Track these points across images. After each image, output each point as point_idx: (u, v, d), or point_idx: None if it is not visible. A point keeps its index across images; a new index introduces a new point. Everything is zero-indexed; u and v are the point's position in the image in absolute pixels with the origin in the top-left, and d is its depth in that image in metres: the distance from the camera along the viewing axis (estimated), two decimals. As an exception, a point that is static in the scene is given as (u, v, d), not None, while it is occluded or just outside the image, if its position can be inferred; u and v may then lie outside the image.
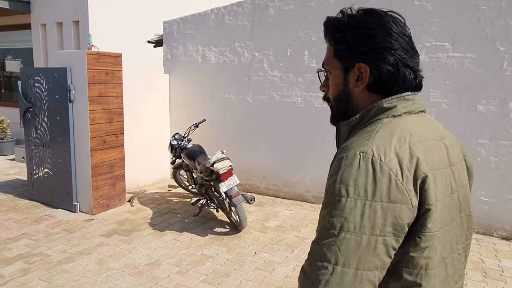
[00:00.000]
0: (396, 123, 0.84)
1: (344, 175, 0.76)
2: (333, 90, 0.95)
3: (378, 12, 0.90)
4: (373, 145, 0.78)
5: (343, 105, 0.94)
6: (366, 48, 0.86)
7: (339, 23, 0.91)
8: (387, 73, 0.86)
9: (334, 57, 0.93)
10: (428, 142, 0.84)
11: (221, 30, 5.31)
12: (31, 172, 4.71)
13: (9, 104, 7.91)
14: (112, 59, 4.37)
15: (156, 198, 5.00)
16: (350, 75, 0.90)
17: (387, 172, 0.74)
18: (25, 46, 7.59)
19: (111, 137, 4.44)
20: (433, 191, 0.78)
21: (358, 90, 0.90)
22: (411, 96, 0.89)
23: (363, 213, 0.72)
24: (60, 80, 4.21)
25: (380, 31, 0.86)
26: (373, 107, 0.88)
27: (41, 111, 4.45)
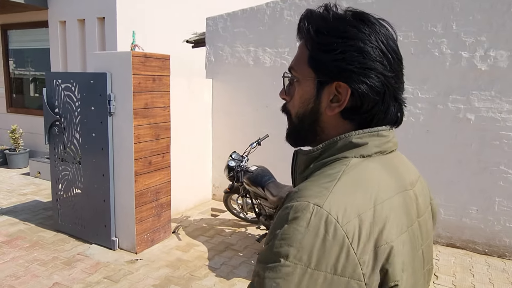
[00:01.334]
0: (364, 169, 0.67)
1: (289, 230, 0.59)
2: (298, 104, 0.75)
3: (371, 19, 0.70)
4: (331, 199, 0.60)
5: (307, 126, 0.75)
6: (353, 66, 0.67)
7: (323, 24, 0.70)
8: (371, 101, 0.68)
9: (308, 65, 0.72)
10: (398, 198, 0.68)
11: (279, 27, 4.51)
12: (57, 198, 3.90)
13: (21, 111, 7.11)
14: (160, 62, 3.57)
15: (204, 227, 4.19)
16: (324, 92, 0.71)
17: (341, 238, 0.57)
18: (40, 47, 6.79)
19: (157, 157, 3.64)
20: (400, 263, 0.62)
21: (331, 113, 0.71)
22: (386, 132, 0.72)
23: (300, 282, 0.57)
24: (97, 88, 3.41)
25: (374, 46, 0.67)
26: (339, 140, 0.70)
27: (71, 125, 3.65)
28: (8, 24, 6.94)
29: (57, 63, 6.23)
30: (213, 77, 5.00)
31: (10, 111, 7.22)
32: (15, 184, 5.64)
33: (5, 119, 7.34)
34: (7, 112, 7.27)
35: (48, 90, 3.76)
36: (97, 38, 5.74)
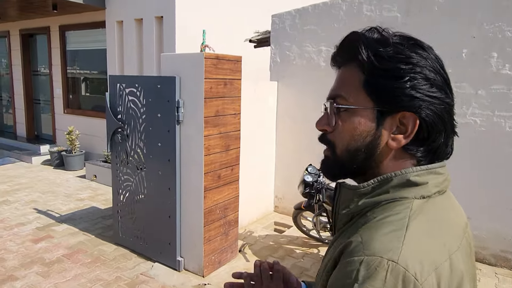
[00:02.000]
0: (429, 212, 0.61)
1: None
2: (351, 137, 0.65)
3: (425, 45, 0.66)
4: (406, 252, 0.53)
5: (360, 162, 0.66)
6: (421, 93, 0.61)
7: (383, 48, 0.63)
8: (437, 132, 0.63)
9: (364, 92, 0.64)
10: (465, 244, 0.63)
11: (357, 24, 3.98)
12: (118, 210, 3.66)
13: (77, 112, 7.10)
14: (232, 64, 3.20)
15: (271, 245, 3.80)
16: (386, 124, 0.64)
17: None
18: (96, 47, 6.72)
19: (226, 170, 3.28)
20: None
21: (397, 146, 0.63)
22: (443, 170, 0.65)
23: None
24: (164, 93, 3.11)
25: (437, 73, 0.63)
26: (395, 176, 0.62)
27: (135, 132, 3.38)
28: (66, 25, 6.94)
29: (114, 63, 6.10)
30: (278, 79, 4.59)
31: (66, 112, 7.23)
32: (72, 187, 5.56)
33: (62, 120, 7.38)
34: (63, 113, 7.30)
35: (111, 94, 3.52)
36: (155, 38, 5.52)
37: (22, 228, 4.04)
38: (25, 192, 5.29)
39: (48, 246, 3.63)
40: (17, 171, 6.45)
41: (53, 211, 4.57)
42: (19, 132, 8.37)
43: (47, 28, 7.24)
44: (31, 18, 7.30)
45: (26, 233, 3.90)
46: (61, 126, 7.39)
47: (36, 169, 6.59)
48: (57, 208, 4.68)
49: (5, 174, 6.18)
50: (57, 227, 4.09)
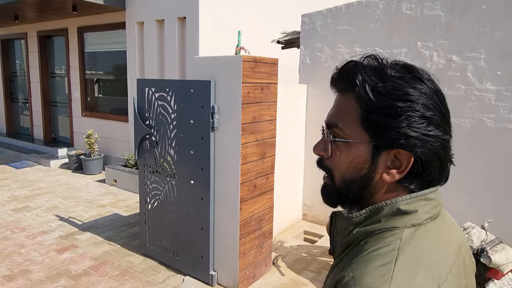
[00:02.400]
0: (419, 241, 0.61)
1: None
2: (347, 168, 0.67)
3: (425, 76, 0.65)
4: (394, 285, 0.54)
5: (355, 192, 0.68)
6: (417, 133, 0.61)
7: (381, 82, 0.62)
8: (433, 167, 0.64)
9: (361, 126, 0.64)
10: (455, 268, 0.63)
11: (395, 24, 3.79)
12: (145, 219, 3.50)
13: (96, 115, 6.98)
14: (269, 67, 3.02)
15: (304, 257, 3.61)
16: (381, 158, 0.64)
17: None
18: (115, 49, 6.59)
19: (261, 179, 3.10)
20: None
21: (390, 180, 0.65)
22: (434, 195, 0.66)
23: None
24: (198, 98, 2.93)
25: (433, 110, 0.63)
26: (385, 206, 0.64)
27: (165, 139, 3.22)
28: (84, 27, 6.83)
29: (134, 65, 5.97)
30: (308, 82, 4.40)
31: (84, 115, 7.13)
32: (93, 192, 5.43)
33: (80, 123, 7.28)
34: (81, 116, 7.19)
35: (139, 99, 3.36)
36: (177, 39, 5.36)
37: (45, 236, 3.91)
38: (45, 197, 5.18)
39: (73, 256, 3.49)
40: (35, 175, 6.35)
41: (76, 218, 4.44)
42: (36, 135, 8.30)
43: (65, 29, 7.14)
44: (49, 19, 7.22)
45: (49, 242, 3.76)
46: (78, 129, 7.29)
47: (55, 173, 6.49)
48: (79, 215, 4.55)
49: (24, 178, 6.09)
50: (81, 235, 3.95)
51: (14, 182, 5.85)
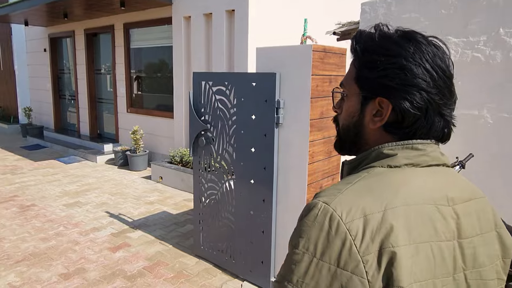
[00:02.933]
0: (385, 176, 0.69)
1: (301, 224, 0.66)
2: (345, 117, 0.80)
3: (418, 39, 0.72)
4: (340, 199, 0.65)
5: (351, 138, 0.79)
6: (394, 82, 0.70)
7: (370, 42, 0.73)
8: (412, 117, 0.71)
9: (355, 82, 0.76)
10: (420, 207, 0.66)
11: (471, 9, 3.40)
12: (200, 220, 3.35)
13: (141, 111, 6.98)
14: (337, 58, 2.76)
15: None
16: (368, 107, 0.74)
17: (343, 234, 0.62)
18: (161, 45, 6.55)
19: (327, 180, 2.85)
20: (406, 270, 0.61)
21: (374, 127, 0.74)
22: (422, 146, 0.72)
23: (308, 269, 0.63)
24: (261, 92, 2.73)
25: (416, 64, 0.70)
26: (373, 151, 0.74)
27: (223, 136, 3.04)
28: (130, 23, 6.84)
29: (180, 61, 5.87)
30: (368, 75, 4.09)
31: (130, 111, 7.15)
32: (140, 189, 5.40)
33: (125, 119, 7.32)
34: (126, 112, 7.23)
35: (195, 93, 3.21)
36: (225, 33, 5.20)
37: (97, 233, 3.86)
38: (94, 193, 5.19)
39: (127, 256, 3.40)
40: (83, 170, 6.43)
41: (125, 215, 4.38)
42: (83, 130, 8.47)
43: (111, 26, 7.19)
44: (97, 16, 7.29)
45: (102, 240, 3.71)
46: (124, 125, 7.34)
47: (101, 169, 6.54)
48: (129, 212, 4.49)
49: (73, 174, 6.17)
50: (132, 234, 3.87)
51: (64, 177, 5.94)
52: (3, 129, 10.25)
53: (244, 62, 4.97)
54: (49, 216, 4.29)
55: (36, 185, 5.52)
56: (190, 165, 5.56)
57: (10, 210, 4.47)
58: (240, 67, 5.03)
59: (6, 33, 10.73)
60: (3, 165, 6.64)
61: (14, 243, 3.60)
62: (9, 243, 3.60)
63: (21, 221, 4.15)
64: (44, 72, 9.39)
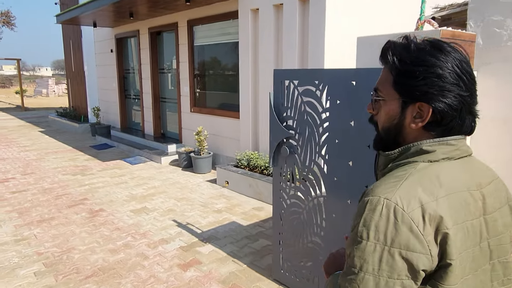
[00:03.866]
0: (429, 170, 0.83)
1: (367, 219, 0.77)
2: (385, 120, 0.91)
3: (447, 48, 0.84)
4: (398, 193, 0.78)
5: (392, 137, 0.90)
6: (434, 89, 0.81)
7: (406, 53, 0.85)
8: (450, 117, 0.83)
9: (393, 88, 0.87)
10: (458, 195, 0.82)
11: None
12: (279, 240, 2.91)
13: (204, 111, 6.74)
14: (466, 46, 2.17)
15: None
16: (408, 110, 0.86)
17: (408, 222, 0.75)
18: (225, 41, 6.22)
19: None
20: (454, 245, 0.77)
21: (416, 127, 0.86)
22: (455, 141, 0.85)
23: (381, 257, 0.75)
24: (363, 93, 2.20)
25: (451, 72, 0.82)
26: (413, 146, 0.86)
27: (311, 145, 2.56)
28: (194, 20, 6.60)
29: (247, 57, 5.48)
30: (479, 68, 3.36)
31: (193, 111, 6.95)
32: (206, 194, 5.11)
33: (188, 119, 7.13)
34: (190, 112, 7.03)
35: (276, 94, 2.75)
36: (297, 25, 4.70)
37: (166, 246, 3.59)
38: (160, 197, 5.00)
39: (199, 276, 3.06)
40: (148, 171, 6.33)
41: (193, 225, 4.09)
42: (147, 130, 8.48)
43: (175, 24, 7.01)
44: (160, 14, 7.16)
45: (171, 254, 3.42)
46: (187, 125, 7.16)
47: (166, 170, 6.40)
48: (196, 221, 4.20)
49: (140, 175, 6.08)
50: (202, 248, 3.55)
51: (130, 179, 5.85)
52: (75, 128, 10.70)
53: (320, 58, 4.44)
54: (117, 224, 4.13)
55: (104, 187, 5.47)
56: (258, 170, 5.16)
57: (80, 216, 4.39)
58: (315, 63, 4.51)
59: (77, 35, 11.17)
60: (74, 166, 6.77)
61: (84, 254, 3.44)
62: (78, 254, 3.44)
63: (90, 228, 4.02)
64: (110, 72, 9.59)
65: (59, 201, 4.87)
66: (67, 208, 4.63)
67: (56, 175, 6.12)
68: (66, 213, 4.46)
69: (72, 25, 11.35)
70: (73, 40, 11.56)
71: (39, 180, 5.86)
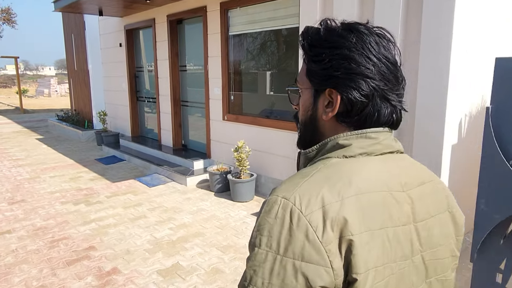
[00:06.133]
0: (341, 166, 0.69)
1: (262, 222, 0.64)
2: (302, 112, 0.81)
3: (360, 29, 0.73)
4: (298, 192, 0.64)
5: (309, 132, 0.80)
6: (339, 72, 0.71)
7: (315, 37, 0.75)
8: (359, 104, 0.71)
9: (306, 76, 0.78)
10: (373, 195, 0.66)
11: None
12: None
13: (243, 119, 5.27)
14: None
15: None
16: (320, 100, 0.76)
17: (304, 226, 0.61)
18: (274, 27, 4.75)
19: None
20: (362, 256, 0.60)
21: (326, 118, 0.75)
22: (375, 134, 0.72)
23: (272, 268, 0.61)
24: None
25: (359, 53, 0.71)
26: (329, 141, 0.74)
27: None
28: (229, 1, 5.13)
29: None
30: None
31: (227, 119, 5.48)
32: (259, 240, 3.65)
33: (220, 129, 5.66)
34: (222, 120, 5.56)
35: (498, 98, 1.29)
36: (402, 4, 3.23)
37: None
38: (196, 245, 3.54)
39: None
40: (172, 198, 4.88)
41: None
42: (164, 140, 7.03)
43: (203, 8, 5.55)
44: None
45: None
46: (218, 136, 5.70)
47: (194, 196, 4.94)
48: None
49: (161, 205, 4.63)
50: None
51: (150, 212, 4.41)
52: (78, 135, 9.27)
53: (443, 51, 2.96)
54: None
55: (117, 225, 4.03)
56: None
57: (84, 283, 2.94)
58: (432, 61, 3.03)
59: (79, 28, 9.74)
60: (77, 188, 5.33)
61: None
62: None
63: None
64: (119, 70, 8.15)
65: (55, 253, 3.42)
66: (66, 266, 3.19)
67: (52, 204, 4.68)
68: (63, 277, 3.02)
69: (74, 17, 9.92)
70: (75, 34, 10.14)
71: (30, 212, 4.42)
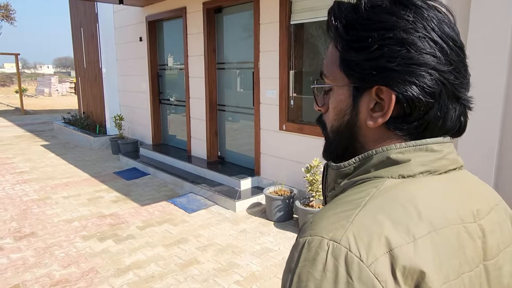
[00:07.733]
0: (401, 191, 0.50)
1: (303, 275, 0.45)
2: (333, 116, 0.60)
3: (415, 2, 0.53)
4: (352, 230, 0.46)
5: (344, 142, 0.60)
6: (395, 63, 0.51)
7: (354, 16, 0.54)
8: (424, 106, 0.52)
9: (339, 69, 0.57)
10: (448, 231, 0.49)
11: None
12: None
13: (308, 129, 4.23)
14: None
15: None
16: (363, 101, 0.55)
17: (369, 282, 0.43)
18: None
19: None
20: None
21: (374, 125, 0.54)
22: (439, 146, 0.53)
23: None
24: None
25: (421, 36, 0.51)
26: (375, 154, 0.54)
27: None
28: (292, -17, 4.10)
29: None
30: None
31: (286, 129, 4.44)
32: None
33: (276, 141, 4.62)
34: (279, 130, 4.53)
35: None
36: None
37: None
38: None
39: None
40: (222, 229, 3.84)
41: None
42: (195, 151, 5.99)
43: (253, -7, 4.52)
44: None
45: None
46: (273, 149, 4.66)
47: (250, 227, 3.91)
48: None
49: (211, 240, 3.58)
50: None
51: (201, 252, 3.36)
52: (89, 141, 8.21)
53: None
54: None
55: (163, 276, 2.99)
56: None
57: None
58: None
59: (91, 21, 8.69)
60: (99, 215, 4.28)
61: None
62: None
63: None
64: (138, 68, 7.11)
65: (86, 330, 2.39)
66: None
67: (72, 240, 3.64)
68: None
69: (84, 8, 8.87)
70: (85, 27, 9.08)
71: (43, 254, 3.38)
